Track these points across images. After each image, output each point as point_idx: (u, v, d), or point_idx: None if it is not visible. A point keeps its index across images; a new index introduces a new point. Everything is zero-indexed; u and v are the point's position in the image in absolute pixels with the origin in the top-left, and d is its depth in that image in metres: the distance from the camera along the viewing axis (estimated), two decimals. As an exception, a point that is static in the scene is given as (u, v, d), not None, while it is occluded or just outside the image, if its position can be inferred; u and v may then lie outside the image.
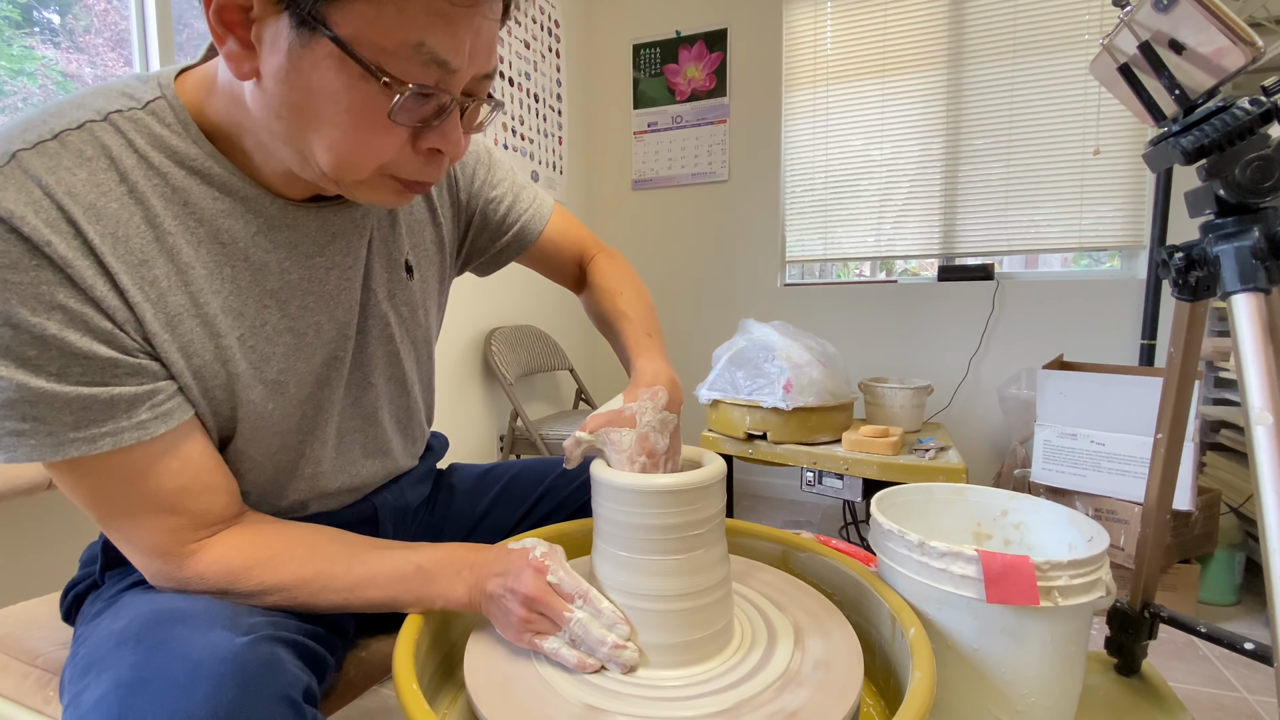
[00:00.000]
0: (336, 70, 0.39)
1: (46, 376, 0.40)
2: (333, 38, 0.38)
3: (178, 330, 0.46)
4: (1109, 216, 2.07)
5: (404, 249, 0.62)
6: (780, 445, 1.64)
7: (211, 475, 0.49)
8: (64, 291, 0.40)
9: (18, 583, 0.95)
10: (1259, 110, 0.59)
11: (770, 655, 0.51)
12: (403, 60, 0.39)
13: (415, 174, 0.46)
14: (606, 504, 0.52)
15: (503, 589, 0.50)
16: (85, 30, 1.24)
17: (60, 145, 0.41)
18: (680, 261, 2.61)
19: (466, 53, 0.41)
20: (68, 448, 0.41)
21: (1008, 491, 0.72)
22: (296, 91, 0.41)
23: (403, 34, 0.38)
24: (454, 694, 0.56)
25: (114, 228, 0.42)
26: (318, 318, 0.54)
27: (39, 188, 0.40)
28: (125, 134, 0.44)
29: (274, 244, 0.50)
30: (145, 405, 0.44)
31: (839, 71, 2.33)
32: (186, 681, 0.36)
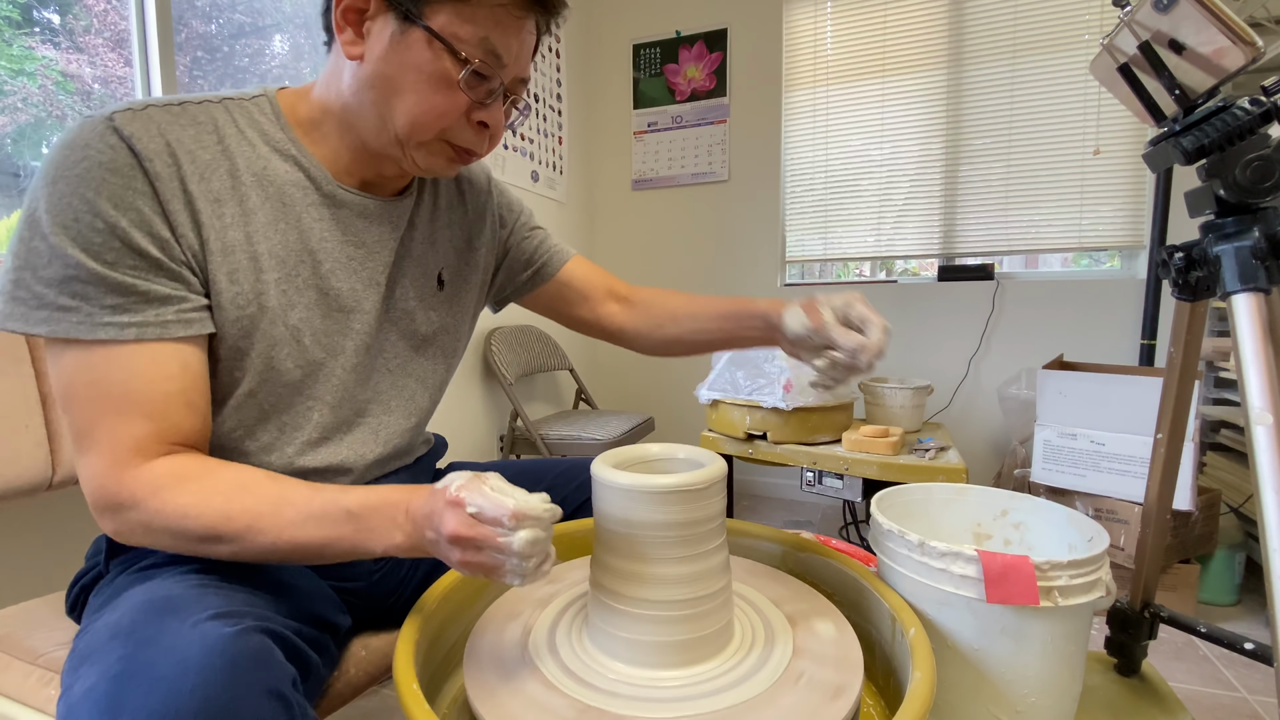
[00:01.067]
0: (425, 49, 0.54)
1: (102, 263, 0.48)
2: (425, 28, 0.53)
3: (229, 258, 0.54)
4: (1109, 216, 2.07)
5: (440, 262, 0.71)
6: (780, 445, 1.64)
7: (199, 395, 0.53)
8: (144, 199, 0.50)
9: (18, 583, 0.96)
10: (1259, 110, 0.59)
11: (769, 655, 0.52)
12: (471, 47, 0.54)
13: (466, 142, 0.59)
14: (607, 504, 0.52)
15: (435, 534, 0.47)
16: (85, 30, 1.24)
17: (182, 110, 0.54)
18: (680, 261, 2.61)
19: (514, 53, 0.57)
20: (100, 330, 0.48)
21: (1008, 491, 0.72)
22: (391, 66, 0.54)
23: (474, 29, 0.54)
24: (454, 694, 0.56)
25: (203, 170, 0.53)
26: (339, 284, 0.61)
27: (157, 129, 0.51)
28: (231, 113, 0.57)
29: (320, 214, 0.60)
30: (174, 308, 0.51)
31: (839, 71, 2.33)
32: (176, 674, 0.37)
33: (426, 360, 0.71)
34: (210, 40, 1.47)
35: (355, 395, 0.64)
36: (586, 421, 2.02)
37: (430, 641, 0.55)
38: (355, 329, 0.63)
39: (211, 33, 1.47)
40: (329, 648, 0.56)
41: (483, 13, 0.54)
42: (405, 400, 0.69)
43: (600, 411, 2.30)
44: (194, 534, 0.49)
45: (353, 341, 0.63)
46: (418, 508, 0.49)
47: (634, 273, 2.69)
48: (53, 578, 0.96)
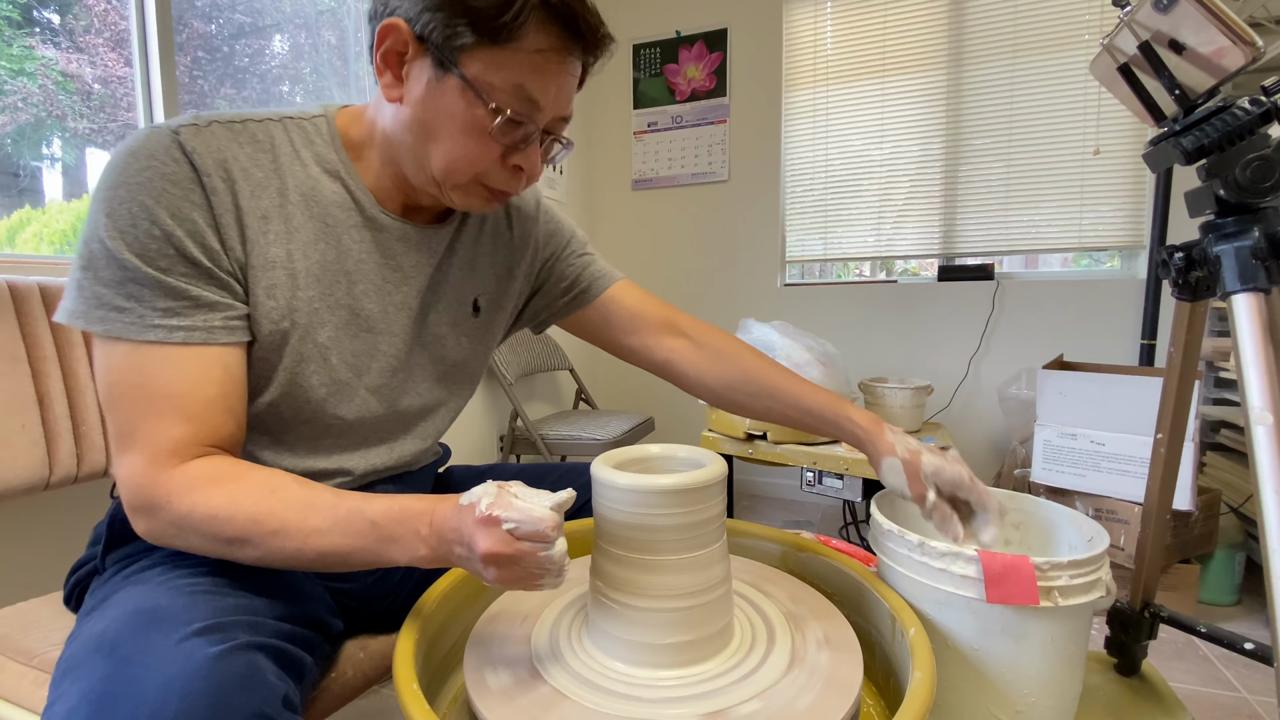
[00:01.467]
0: (459, 98, 0.54)
1: (156, 268, 0.50)
2: (460, 76, 0.53)
3: (269, 273, 0.56)
4: (1109, 216, 2.07)
5: (478, 288, 0.72)
6: (780, 445, 1.64)
7: (237, 399, 0.55)
8: (199, 212, 0.52)
9: (15, 582, 0.95)
10: (1259, 110, 0.59)
11: (769, 655, 0.51)
12: (506, 95, 0.54)
13: (501, 184, 0.59)
14: (607, 504, 0.51)
15: (465, 553, 0.46)
16: (85, 30, 1.24)
17: (243, 127, 0.56)
18: (680, 261, 2.61)
19: (552, 96, 0.56)
20: (150, 331, 0.50)
21: (1008, 491, 0.72)
22: (428, 112, 0.55)
23: (509, 77, 0.53)
24: (454, 694, 0.56)
25: (254, 187, 0.55)
26: (371, 305, 0.62)
27: (217, 146, 0.53)
28: (289, 132, 0.59)
29: (361, 236, 0.61)
30: (220, 314, 0.53)
31: (839, 71, 2.33)
32: (157, 699, 0.36)
33: (451, 384, 0.72)
34: (210, 40, 1.47)
35: (376, 415, 0.64)
36: (586, 421, 2.01)
37: (430, 641, 0.55)
38: (383, 351, 0.63)
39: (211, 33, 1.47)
40: (321, 648, 0.56)
41: (519, 59, 0.53)
42: (424, 422, 0.70)
43: (600, 411, 2.30)
44: (222, 536, 0.49)
45: (379, 363, 0.63)
46: (442, 521, 0.48)
47: (634, 273, 2.68)
48: (49, 577, 0.95)
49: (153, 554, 0.58)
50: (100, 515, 0.65)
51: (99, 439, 0.87)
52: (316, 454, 0.62)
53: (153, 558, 0.56)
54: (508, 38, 0.51)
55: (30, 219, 1.18)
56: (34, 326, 0.82)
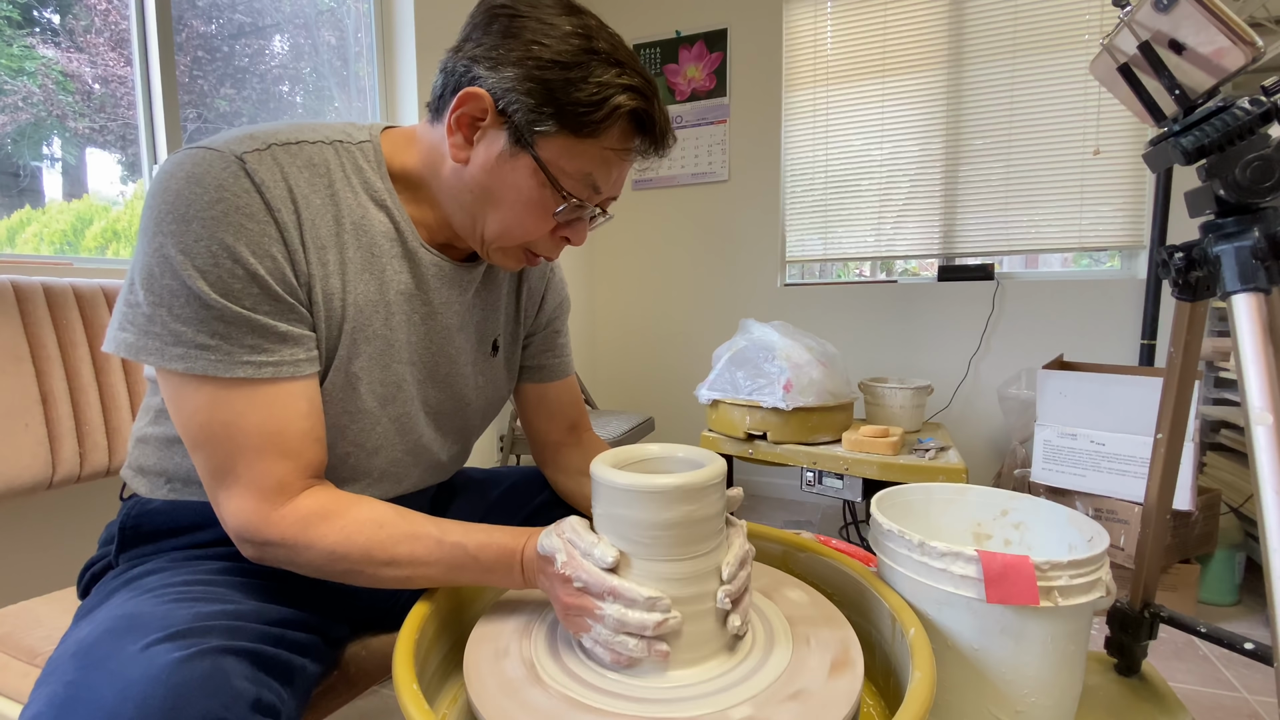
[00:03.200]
0: (529, 176, 0.55)
1: (242, 306, 0.50)
2: (535, 157, 0.54)
3: (329, 305, 0.56)
4: (1109, 216, 2.07)
5: (497, 329, 0.73)
6: (780, 445, 1.64)
7: (323, 428, 0.56)
8: (277, 247, 0.51)
9: (18, 581, 0.96)
10: (1259, 110, 0.59)
11: (769, 655, 0.51)
12: (574, 182, 0.56)
13: (545, 252, 0.62)
14: (606, 504, 0.52)
15: (548, 593, 0.54)
16: (85, 30, 1.24)
17: (299, 149, 0.55)
18: (680, 261, 2.61)
19: (614, 185, 0.59)
20: (238, 369, 0.50)
21: (1008, 491, 0.72)
22: (494, 180, 0.56)
23: (579, 165, 0.55)
24: (454, 694, 0.56)
25: (313, 215, 0.54)
26: (400, 337, 0.62)
27: (281, 173, 0.52)
28: (340, 156, 0.58)
29: (401, 267, 0.61)
30: (304, 347, 0.54)
31: (839, 71, 2.33)
32: (113, 704, 0.37)
33: (468, 420, 0.72)
34: (210, 40, 1.47)
35: (394, 446, 0.64)
36: (586, 421, 2.01)
37: (430, 641, 0.55)
38: (408, 382, 0.63)
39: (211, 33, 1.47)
40: (318, 648, 0.56)
41: (593, 152, 0.55)
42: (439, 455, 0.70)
43: (600, 411, 2.30)
44: (336, 569, 0.53)
45: (404, 394, 0.63)
46: (530, 561, 0.54)
47: (634, 273, 2.69)
48: (51, 576, 0.95)
49: (160, 555, 0.58)
50: (103, 514, 0.66)
51: (101, 439, 0.87)
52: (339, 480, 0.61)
53: (160, 560, 0.56)
54: (590, 133, 0.53)
55: (30, 219, 1.18)
56: (37, 326, 0.82)
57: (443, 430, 0.69)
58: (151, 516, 0.61)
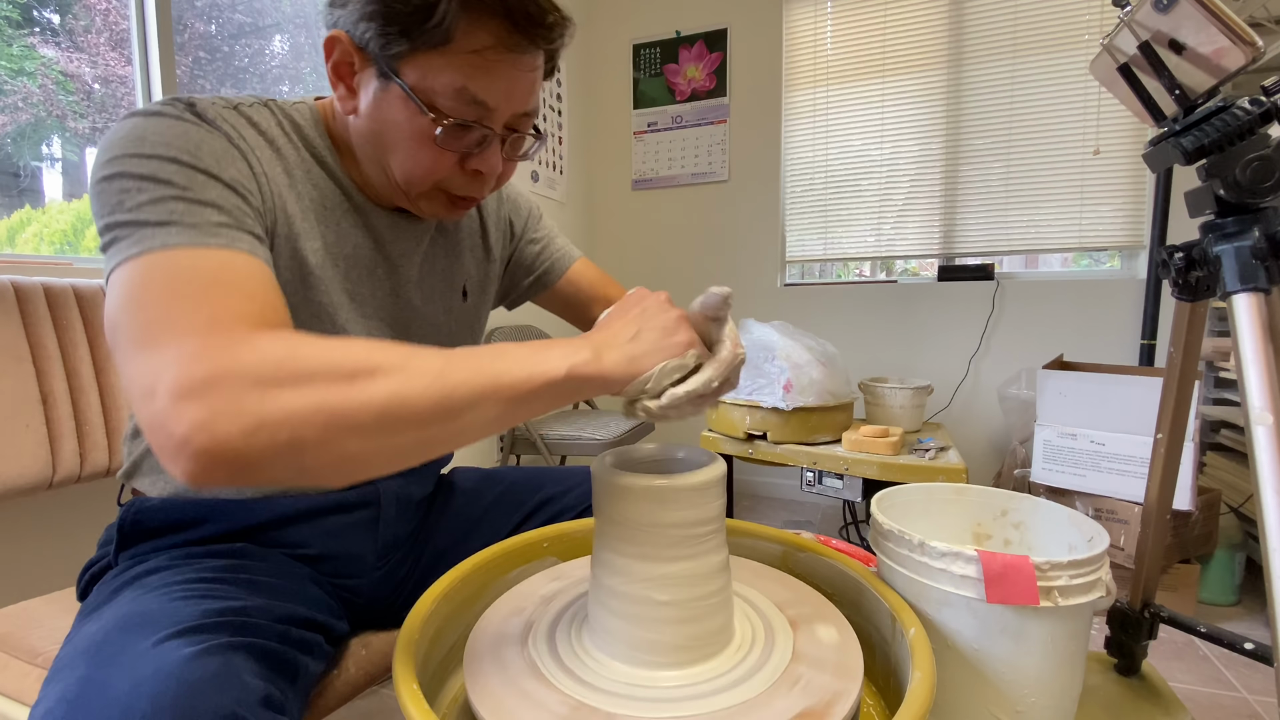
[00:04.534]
0: (403, 107, 0.52)
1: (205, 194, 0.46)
2: (401, 84, 0.51)
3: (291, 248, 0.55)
4: (1109, 216, 2.07)
5: (465, 275, 0.72)
6: (780, 445, 1.64)
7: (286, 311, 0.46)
8: (240, 164, 0.50)
9: (18, 582, 0.96)
10: (1259, 110, 0.59)
11: (769, 655, 0.51)
12: (450, 100, 0.51)
13: (462, 190, 0.58)
14: (607, 503, 0.52)
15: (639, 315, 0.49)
16: (85, 30, 1.24)
17: (237, 113, 0.54)
18: (680, 261, 2.61)
19: (503, 95, 0.53)
20: (209, 238, 0.44)
21: (1008, 491, 0.72)
22: (378, 123, 0.54)
23: (449, 81, 0.50)
24: (454, 694, 0.56)
25: (265, 166, 0.54)
26: (364, 290, 0.62)
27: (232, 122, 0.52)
28: (275, 114, 0.57)
29: (355, 223, 0.61)
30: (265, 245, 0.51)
31: (839, 71, 2.33)
32: (126, 701, 0.37)
33: None
34: (210, 40, 1.47)
35: None
36: (586, 421, 2.01)
37: (430, 641, 0.55)
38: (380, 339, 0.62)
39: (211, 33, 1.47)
40: (321, 647, 0.56)
41: (457, 61, 0.50)
42: None
43: (600, 411, 2.30)
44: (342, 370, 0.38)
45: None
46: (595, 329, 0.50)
47: (634, 273, 2.69)
48: (52, 576, 0.95)
49: (160, 555, 0.58)
50: (103, 514, 0.66)
51: (102, 438, 0.87)
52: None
53: (161, 558, 0.56)
54: (441, 41, 0.49)
55: (30, 219, 1.18)
56: (37, 326, 0.82)
57: None
58: (150, 514, 0.61)
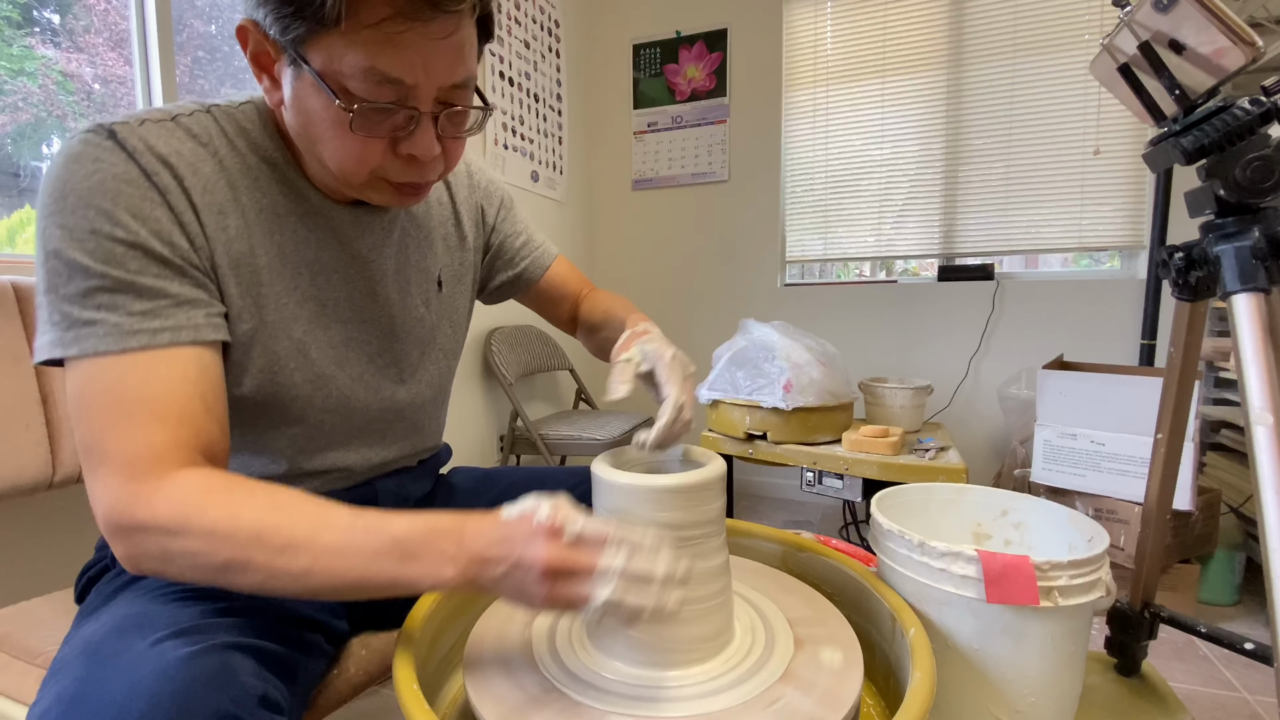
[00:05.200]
0: (317, 95, 0.48)
1: (125, 270, 0.46)
2: (310, 70, 0.47)
3: (237, 271, 0.53)
4: (1109, 216, 2.07)
5: (439, 264, 0.70)
6: (780, 445, 1.64)
7: (220, 403, 0.50)
8: (161, 210, 0.48)
9: (18, 582, 0.95)
10: (1259, 110, 0.59)
11: (770, 655, 0.51)
12: (360, 82, 0.47)
13: (402, 177, 0.54)
14: (607, 503, 0.52)
15: (510, 566, 0.42)
16: (85, 30, 1.24)
17: (174, 124, 0.52)
18: (680, 261, 2.61)
19: (419, 69, 0.48)
20: (130, 338, 0.46)
21: (1008, 491, 0.72)
22: (302, 115, 0.51)
23: (355, 61, 0.46)
24: (454, 694, 0.56)
25: (204, 182, 0.52)
26: (338, 294, 0.60)
27: (157, 144, 0.50)
28: (219, 121, 0.54)
29: (314, 225, 0.58)
30: (202, 310, 0.50)
31: (839, 71, 2.33)
32: (124, 700, 0.37)
33: (432, 364, 0.71)
34: (210, 40, 1.47)
35: (365, 404, 0.64)
36: (586, 421, 2.01)
37: (430, 641, 0.55)
38: (359, 339, 0.62)
39: (212, 33, 1.47)
40: (320, 647, 0.56)
41: (360, 39, 0.45)
42: (413, 405, 0.70)
43: (600, 411, 2.30)
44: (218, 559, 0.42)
45: (357, 352, 0.62)
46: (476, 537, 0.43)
47: (634, 273, 2.69)
48: (53, 577, 0.95)
49: None
50: (102, 515, 0.65)
51: (100, 439, 0.87)
52: (311, 455, 0.62)
53: None
54: (335, 19, 0.44)
55: (30, 219, 1.18)
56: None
57: (410, 378, 0.68)
58: None
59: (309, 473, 0.62)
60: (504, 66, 2.09)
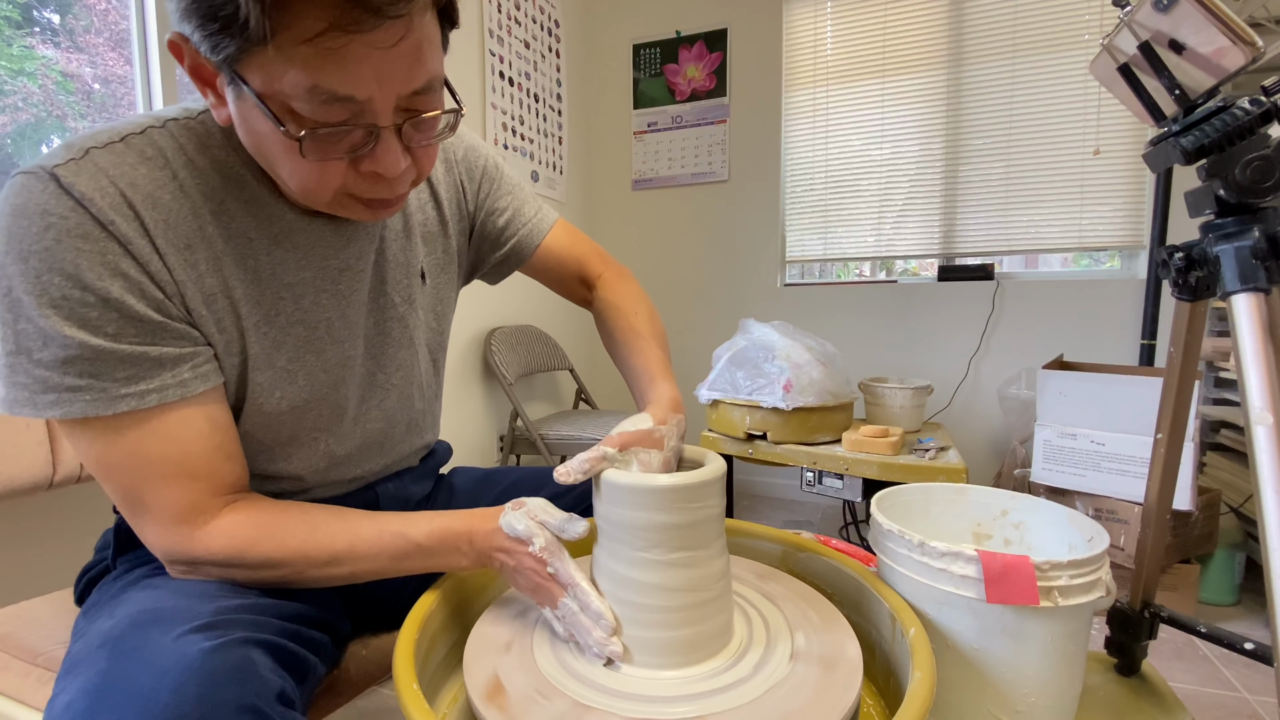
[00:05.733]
0: (263, 117, 0.43)
1: (104, 336, 0.45)
2: (250, 91, 0.42)
3: (212, 307, 0.51)
4: (1109, 216, 2.07)
5: (419, 257, 0.66)
6: (780, 445, 1.64)
7: (234, 443, 0.53)
8: (126, 262, 0.45)
9: (18, 582, 0.95)
10: (1259, 110, 0.59)
11: (769, 655, 0.51)
12: (306, 102, 0.42)
13: (371, 193, 0.49)
14: (607, 503, 0.52)
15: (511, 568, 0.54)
16: (85, 30, 1.24)
17: (125, 146, 0.47)
18: (680, 261, 2.61)
19: (371, 82, 0.42)
20: (118, 403, 0.46)
21: (1008, 491, 0.72)
22: (250, 136, 0.47)
23: (297, 80, 0.41)
24: (454, 694, 0.56)
25: (166, 215, 0.48)
26: (329, 314, 0.58)
27: (106, 178, 0.45)
28: (178, 138, 0.50)
29: (293, 244, 0.55)
30: (188, 365, 0.49)
31: (839, 71, 2.33)
32: (149, 691, 0.37)
33: (422, 362, 0.70)
34: (210, 40, 1.47)
35: (361, 418, 0.63)
36: (586, 421, 2.01)
37: (430, 641, 0.55)
38: (351, 355, 0.60)
39: (211, 32, 1.47)
40: (328, 648, 0.56)
41: (297, 54, 0.40)
42: (409, 408, 0.69)
43: (600, 411, 2.30)
44: (278, 577, 0.52)
45: (351, 370, 0.61)
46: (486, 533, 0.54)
47: (634, 273, 2.68)
48: (53, 576, 0.95)
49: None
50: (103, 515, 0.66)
51: (100, 439, 0.87)
52: (314, 469, 0.62)
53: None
54: (263, 36, 0.38)
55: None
56: (35, 326, 0.82)
57: (406, 380, 0.67)
58: None
59: (317, 485, 0.63)
60: (504, 66, 2.09)
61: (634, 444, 0.54)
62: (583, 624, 0.51)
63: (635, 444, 0.54)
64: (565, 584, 0.52)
